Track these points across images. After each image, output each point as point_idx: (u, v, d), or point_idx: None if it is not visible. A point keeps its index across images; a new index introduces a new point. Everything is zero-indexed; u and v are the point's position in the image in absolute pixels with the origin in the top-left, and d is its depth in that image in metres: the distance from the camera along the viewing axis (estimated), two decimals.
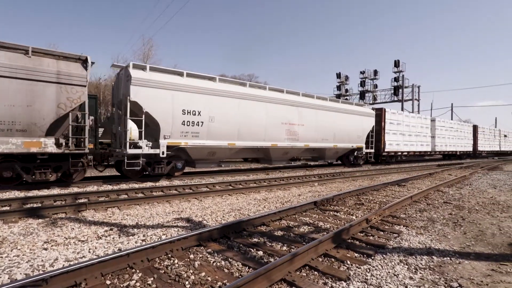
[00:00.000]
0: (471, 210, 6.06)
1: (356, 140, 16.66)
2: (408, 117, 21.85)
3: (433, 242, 4.05)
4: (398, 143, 20.44)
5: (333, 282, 2.83)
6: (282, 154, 13.45)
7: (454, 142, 27.60)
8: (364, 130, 17.14)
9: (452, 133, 27.23)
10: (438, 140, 25.01)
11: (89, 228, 4.57)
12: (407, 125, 21.42)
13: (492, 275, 3.00)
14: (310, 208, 5.91)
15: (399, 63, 34.18)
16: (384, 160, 20.11)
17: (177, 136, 9.96)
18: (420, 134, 22.76)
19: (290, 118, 13.13)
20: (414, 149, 22.17)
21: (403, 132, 21.00)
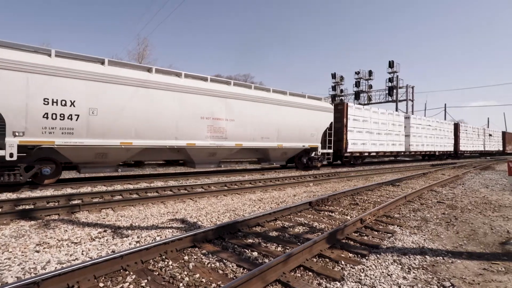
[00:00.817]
0: (464, 209, 6.14)
1: (309, 139, 14.23)
2: (377, 113, 19.26)
3: (426, 242, 4.09)
4: (364, 142, 17.95)
5: (327, 283, 2.84)
6: (208, 156, 11.14)
7: (432, 141, 25.26)
8: (319, 128, 14.75)
9: (430, 131, 24.87)
10: (414, 139, 22.82)
11: (82, 229, 4.52)
12: (376, 122, 18.87)
13: (483, 274, 3.04)
14: (305, 209, 5.93)
15: (393, 64, 34.45)
16: (348, 162, 17.86)
17: (37, 133, 7.56)
18: (391, 133, 20.32)
19: (214, 111, 10.67)
20: (384, 149, 19.68)
21: (370, 130, 18.45)
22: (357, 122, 17.62)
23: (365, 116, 18.30)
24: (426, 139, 24.37)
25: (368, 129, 18.44)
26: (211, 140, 10.79)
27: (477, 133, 35.27)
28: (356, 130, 17.43)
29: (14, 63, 7.27)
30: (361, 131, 17.82)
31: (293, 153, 14.23)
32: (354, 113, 17.43)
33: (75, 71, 8.06)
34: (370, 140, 18.48)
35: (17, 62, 7.31)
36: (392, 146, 20.46)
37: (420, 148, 23.73)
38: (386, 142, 19.88)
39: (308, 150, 14.64)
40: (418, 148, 23.47)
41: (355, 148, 17.33)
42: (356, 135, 17.38)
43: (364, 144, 18.07)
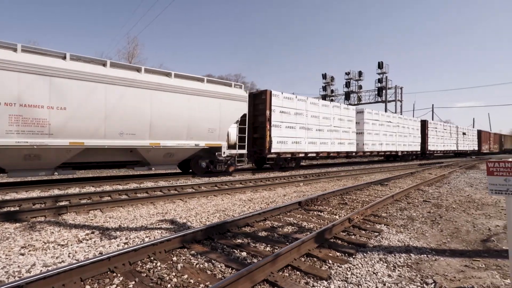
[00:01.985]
0: (449, 208, 6.30)
1: (207, 136, 10.90)
2: (316, 105, 15.96)
3: (411, 240, 4.19)
4: (297, 140, 14.65)
5: (315, 282, 2.88)
6: (24, 159, 7.79)
7: (394, 140, 22.31)
8: (224, 121, 11.31)
9: (390, 129, 21.96)
10: (369, 138, 19.72)
11: (69, 231, 4.46)
12: (315, 116, 15.72)
13: (464, 271, 3.14)
14: (295, 208, 5.98)
15: (382, 65, 34.97)
16: (276, 165, 14.53)
17: None
18: (338, 129, 17.08)
19: (28, 96, 7.50)
20: (327, 149, 16.42)
21: (307, 125, 15.20)
22: (287, 115, 14.23)
23: (300, 108, 14.91)
24: (385, 138, 21.34)
25: (304, 125, 15.01)
26: (18, 136, 7.47)
27: (449, 131, 32.39)
28: (286, 125, 14.13)
29: None
30: (293, 126, 14.51)
31: (184, 154, 10.74)
32: (283, 104, 14.07)
33: None
34: (306, 138, 15.13)
35: None
36: (339, 146, 17.16)
37: (377, 147, 20.54)
38: (330, 140, 16.56)
39: (207, 150, 11.34)
40: (375, 147, 20.30)
41: (283, 147, 14.00)
42: (285, 131, 14.09)
43: (298, 142, 14.67)
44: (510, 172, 2.53)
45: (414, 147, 25.25)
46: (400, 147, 23.23)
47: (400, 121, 23.61)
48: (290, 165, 15.16)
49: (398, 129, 23.06)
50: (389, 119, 22.16)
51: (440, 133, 30.07)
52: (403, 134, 23.65)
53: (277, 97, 13.93)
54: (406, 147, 24.11)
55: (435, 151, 29.15)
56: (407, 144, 24.22)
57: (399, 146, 23.18)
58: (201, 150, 11.20)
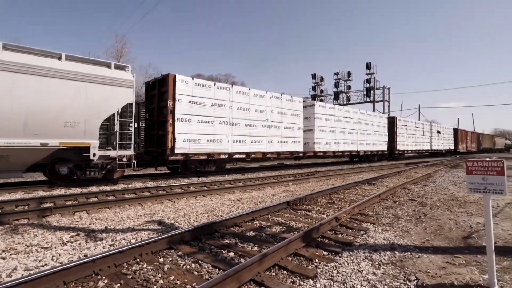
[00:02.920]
0: (433, 206, 6.46)
1: (62, 132, 8.06)
2: (247, 95, 12.99)
3: (396, 238, 4.28)
4: (216, 138, 11.75)
5: (301, 281, 2.91)
6: None
7: (354, 138, 19.68)
8: (94, 113, 8.52)
9: (349, 125, 19.33)
10: (321, 135, 16.93)
11: (53, 234, 4.37)
12: (244, 108, 12.84)
13: (446, 267, 3.23)
14: (283, 208, 6.02)
15: (371, 66, 35.47)
16: (187, 168, 11.59)
17: None
18: (279, 125, 14.33)
19: None
20: (262, 148, 13.54)
21: (231, 120, 12.27)
22: (200, 107, 11.34)
23: (220, 98, 11.95)
24: (343, 135, 18.64)
25: (226, 119, 12.13)
26: None
27: (421, 129, 29.71)
28: (198, 119, 11.26)
29: None
30: (210, 121, 11.62)
31: (29, 157, 7.94)
32: (194, 93, 11.15)
33: None
34: (230, 135, 12.28)
35: None
36: (279, 145, 14.35)
37: (332, 147, 17.69)
38: (267, 138, 13.76)
39: (73, 152, 8.65)
40: (329, 147, 17.42)
41: (193, 147, 11.07)
42: (197, 127, 11.21)
43: (218, 141, 11.83)
44: (488, 171, 2.62)
45: (380, 147, 22.61)
46: (362, 146, 20.58)
47: (363, 117, 20.78)
48: (208, 169, 12.14)
49: (360, 126, 20.37)
50: (348, 115, 19.49)
51: (411, 131, 27.53)
52: (366, 131, 20.95)
53: (186, 84, 10.92)
54: (370, 146, 21.44)
55: (405, 150, 26.83)
56: (372, 143, 21.57)
57: (361, 145, 20.50)
58: (59, 151, 8.27)
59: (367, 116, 21.38)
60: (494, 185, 2.60)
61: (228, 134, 12.27)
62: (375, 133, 22.09)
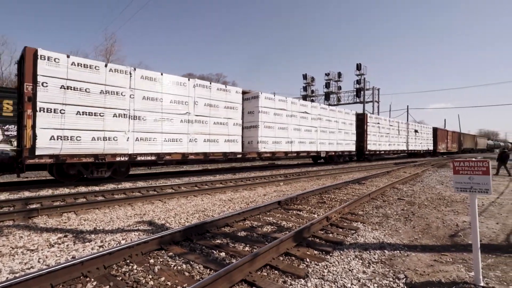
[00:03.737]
0: (421, 205, 6.58)
1: None
2: (157, 82, 10.32)
3: (386, 237, 4.34)
4: (107, 136, 9.15)
5: (292, 280, 2.93)
6: None
7: (312, 137, 17.03)
8: None
9: (307, 122, 16.59)
10: (267, 133, 14.17)
11: (40, 235, 4.27)
12: (152, 98, 10.16)
13: (433, 265, 3.30)
14: (274, 208, 6.04)
15: (360, 66, 35.92)
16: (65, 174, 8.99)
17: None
18: (206, 121, 11.72)
19: None
20: (182, 149, 10.96)
21: (132, 112, 9.67)
22: (81, 94, 8.70)
23: (114, 85, 9.28)
24: (298, 133, 15.96)
25: (124, 111, 9.47)
26: None
27: (396, 128, 27.42)
28: (78, 110, 8.63)
29: None
30: (100, 113, 8.99)
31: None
32: (70, 76, 8.53)
33: None
34: (131, 132, 9.63)
35: None
36: (205, 144, 11.68)
37: (283, 147, 14.99)
38: (188, 136, 11.13)
39: None
40: (279, 147, 14.73)
41: (68, 147, 8.42)
42: (74, 120, 8.57)
43: (111, 139, 9.18)
44: (474, 171, 2.68)
45: (347, 147, 20.20)
46: (324, 146, 17.90)
47: (324, 113, 18.13)
48: (99, 174, 9.42)
49: (321, 123, 17.71)
50: (306, 110, 16.62)
51: (384, 129, 25.11)
52: (328, 129, 18.35)
53: (55, 63, 8.28)
54: (334, 146, 18.88)
55: (377, 151, 24.29)
56: (336, 142, 19.04)
57: (323, 145, 17.85)
58: None
59: (329, 112, 18.85)
60: (480, 185, 2.67)
61: (128, 131, 9.56)
62: (341, 131, 19.61)
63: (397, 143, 27.37)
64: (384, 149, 25.27)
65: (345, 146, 19.99)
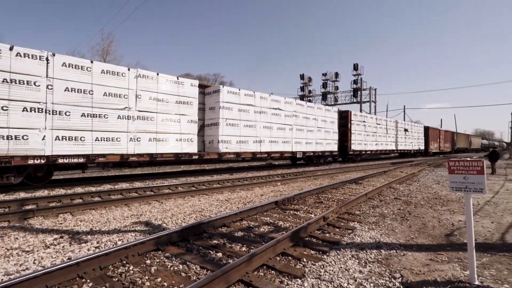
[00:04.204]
0: (417, 205, 6.62)
1: None
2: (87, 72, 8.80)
3: (382, 237, 4.36)
4: (9, 134, 7.45)
5: (289, 280, 2.93)
6: None
7: (287, 136, 15.24)
8: None
9: (279, 119, 14.80)
10: (230, 132, 12.48)
11: (36, 237, 4.24)
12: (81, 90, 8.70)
13: (429, 264, 3.32)
14: (271, 208, 6.04)
15: (357, 67, 36.04)
16: None
17: None
18: (153, 117, 10.26)
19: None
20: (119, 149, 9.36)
21: (48, 106, 8.10)
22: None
23: (24, 72, 7.71)
24: (269, 132, 14.22)
25: (38, 104, 7.96)
26: None
27: (384, 126, 25.64)
28: None
29: None
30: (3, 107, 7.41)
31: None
32: None
33: None
34: (47, 129, 8.08)
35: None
36: (151, 144, 10.17)
37: (251, 147, 13.25)
38: (126, 135, 9.55)
39: None
40: (245, 146, 13.01)
41: None
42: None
43: (18, 138, 7.61)
44: (469, 171, 2.70)
45: (328, 146, 18.49)
46: (300, 146, 16.15)
47: (300, 110, 16.29)
48: (4, 181, 7.76)
49: (297, 121, 16.00)
50: (278, 106, 14.81)
51: (371, 128, 23.54)
52: (306, 127, 16.64)
53: None
54: (313, 146, 17.16)
55: (363, 151, 22.51)
56: (315, 142, 17.33)
57: (299, 144, 16.07)
58: None
59: (307, 108, 16.95)
60: (475, 184, 2.70)
61: (44, 128, 7.99)
62: (320, 130, 17.84)
63: (385, 143, 25.71)
64: (371, 149, 23.67)
65: (325, 146, 18.33)
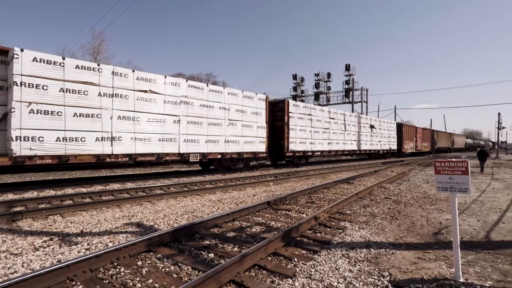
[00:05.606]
0: (407, 204, 6.74)
1: None
2: None
3: (372, 236, 4.43)
4: None
5: (280, 280, 2.96)
6: None
7: (164, 131, 10.78)
8: None
9: (151, 107, 10.40)
10: (43, 123, 8.02)
11: (24, 239, 4.18)
12: None
13: (417, 263, 3.40)
14: (263, 208, 6.07)
15: (349, 67, 36.35)
16: None
17: None
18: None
19: None
20: None
21: None
22: None
23: None
24: (132, 125, 9.89)
25: None
26: None
27: (341, 121, 20.99)
28: None
29: None
30: None
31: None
32: None
33: None
34: None
35: None
36: None
37: (89, 147, 8.93)
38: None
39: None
40: (76, 147, 8.67)
41: None
42: None
43: None
44: (454, 171, 2.78)
45: (249, 146, 13.85)
46: (196, 146, 11.68)
47: (197, 95, 11.79)
48: None
49: (189, 110, 11.49)
50: (151, 87, 10.39)
51: (321, 123, 18.89)
52: (207, 120, 12.07)
53: None
54: (220, 145, 12.49)
55: (308, 152, 17.74)
56: (224, 139, 12.72)
57: (194, 144, 11.59)
58: None
59: (209, 94, 12.12)
60: (460, 184, 2.77)
61: None
62: (235, 124, 13.13)
63: (342, 142, 21.23)
64: (321, 149, 19.00)
65: (244, 146, 13.52)
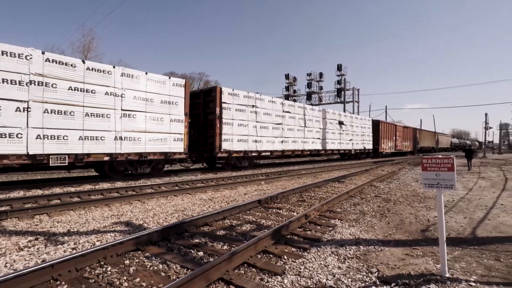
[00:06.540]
0: (396, 202, 6.82)
1: None
2: None
3: (361, 233, 4.47)
4: None
5: (269, 277, 2.96)
6: None
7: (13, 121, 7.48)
8: None
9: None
10: None
11: (8, 239, 4.08)
12: None
13: (405, 259, 3.43)
14: (254, 207, 6.06)
15: (341, 67, 36.63)
16: None
17: None
18: None
19: None
20: None
21: None
22: None
23: None
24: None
25: None
26: None
27: (300, 116, 17.68)
28: None
29: None
30: None
31: None
32: None
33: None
34: None
35: None
36: None
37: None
38: None
39: None
40: None
41: None
42: None
43: None
44: (440, 168, 2.82)
45: (158, 145, 10.82)
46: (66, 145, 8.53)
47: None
48: None
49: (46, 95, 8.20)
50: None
51: (270, 117, 15.54)
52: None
53: None
54: (101, 145, 9.31)
55: (251, 152, 14.52)
56: (115, 136, 9.65)
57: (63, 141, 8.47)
58: None
59: (88, 74, 9.07)
60: (446, 181, 2.81)
61: None
62: (133, 117, 10.12)
63: (301, 140, 17.65)
64: (271, 148, 15.59)
65: (150, 145, 10.58)
